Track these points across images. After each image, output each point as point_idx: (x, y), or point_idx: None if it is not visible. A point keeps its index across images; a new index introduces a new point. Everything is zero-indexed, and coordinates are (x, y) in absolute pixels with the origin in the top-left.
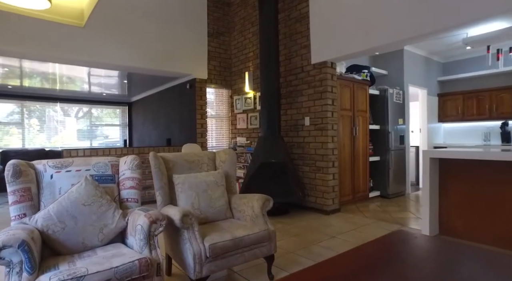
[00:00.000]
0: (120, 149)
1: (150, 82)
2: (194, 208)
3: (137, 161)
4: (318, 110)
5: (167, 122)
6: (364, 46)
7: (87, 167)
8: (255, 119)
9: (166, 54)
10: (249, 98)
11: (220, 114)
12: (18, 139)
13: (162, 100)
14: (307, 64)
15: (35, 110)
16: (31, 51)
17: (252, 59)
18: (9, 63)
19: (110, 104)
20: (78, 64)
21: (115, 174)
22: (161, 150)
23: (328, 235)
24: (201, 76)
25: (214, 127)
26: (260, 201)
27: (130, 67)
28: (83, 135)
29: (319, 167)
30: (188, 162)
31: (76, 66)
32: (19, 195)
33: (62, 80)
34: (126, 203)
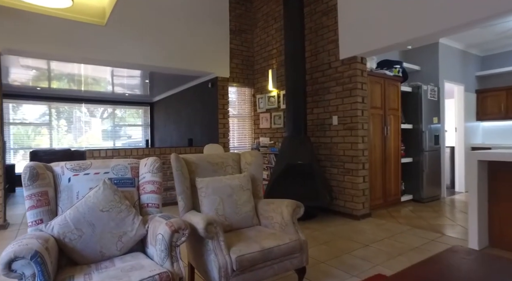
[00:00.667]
0: (142, 150)
1: (171, 81)
2: (219, 215)
3: (158, 163)
4: (347, 109)
5: (188, 122)
6: (396, 39)
7: (106, 169)
8: (279, 118)
9: (187, 52)
10: (273, 97)
11: (242, 113)
12: (47, 140)
13: (183, 100)
14: (335, 60)
15: (63, 111)
16: (55, 52)
17: (276, 56)
18: (37, 65)
19: (132, 104)
20: (101, 64)
21: (134, 177)
22: (183, 151)
23: (361, 243)
24: (223, 75)
25: (236, 127)
26: (290, 207)
27: (151, 66)
28: (107, 135)
29: (348, 169)
30: (212, 164)
31: (99, 67)
32: (35, 199)
33: (87, 81)
34: (146, 209)
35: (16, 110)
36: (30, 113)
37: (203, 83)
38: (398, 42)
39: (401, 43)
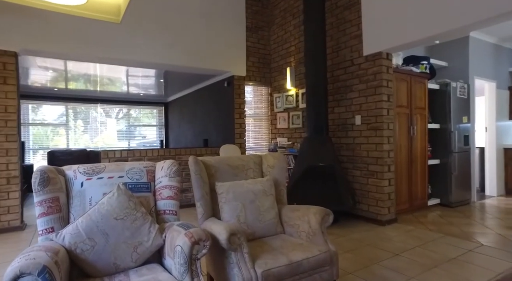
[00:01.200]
0: (157, 150)
1: (186, 80)
2: (240, 222)
3: (175, 167)
4: (371, 108)
5: (204, 122)
6: (424, 34)
7: (120, 173)
8: (298, 118)
9: (203, 50)
10: (291, 96)
11: (259, 113)
12: (64, 140)
13: (198, 99)
14: (358, 56)
15: (80, 112)
16: (71, 51)
17: (294, 53)
18: (54, 66)
19: (147, 104)
20: (116, 63)
21: (150, 181)
22: (198, 152)
23: (389, 251)
24: (240, 73)
25: (252, 127)
26: (319, 215)
27: (167, 65)
28: (122, 136)
29: (372, 171)
30: (232, 167)
31: (114, 67)
32: (46, 206)
33: (103, 81)
34: (163, 216)
35: (36, 110)
36: (49, 113)
37: (218, 82)
38: (426, 37)
39: (429, 38)
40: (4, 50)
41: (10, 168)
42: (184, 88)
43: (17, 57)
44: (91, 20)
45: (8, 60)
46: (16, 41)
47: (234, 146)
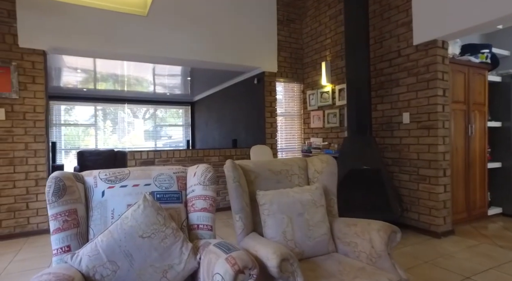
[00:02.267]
0: (184, 151)
1: (214, 78)
2: (287, 239)
3: (211, 173)
4: (423, 104)
5: (232, 121)
6: (487, 17)
7: (147, 180)
8: (334, 116)
9: (232, 45)
10: (326, 93)
11: (291, 111)
12: (93, 141)
13: (226, 98)
14: (407, 46)
15: (109, 112)
16: (97, 48)
17: (330, 47)
18: (82, 66)
19: (173, 104)
20: (142, 60)
21: (181, 190)
22: (228, 153)
23: (456, 273)
24: (271, 69)
25: (284, 127)
26: (383, 232)
27: (194, 61)
28: (148, 136)
29: (424, 175)
30: (274, 173)
31: (141, 66)
32: (62, 220)
33: (130, 81)
34: (196, 231)
35: (69, 111)
36: (79, 114)
37: (248, 79)
38: (489, 20)
39: (492, 22)
40: (32, 49)
41: (38, 169)
42: (211, 86)
43: (46, 56)
44: (117, 13)
45: (36, 59)
46: (44, 39)
47: (266, 147)
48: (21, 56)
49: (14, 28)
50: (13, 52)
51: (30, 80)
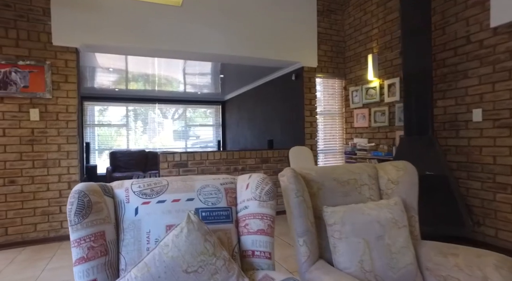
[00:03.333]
0: (219, 153)
1: (247, 76)
2: (365, 271)
3: (269, 185)
4: (503, 98)
5: (266, 121)
6: None
7: (190, 194)
8: (382, 114)
9: (270, 39)
10: (373, 89)
11: (331, 110)
12: (125, 141)
13: (260, 96)
14: (479, 30)
15: (140, 113)
16: (130, 44)
17: (377, 37)
18: (116, 65)
19: (203, 103)
20: (175, 56)
21: (231, 206)
22: (264, 154)
23: None
24: (310, 64)
25: (323, 126)
26: (505, 270)
27: (229, 57)
28: (178, 136)
29: (503, 183)
30: (340, 183)
31: (172, 65)
32: (86, 247)
33: (160, 81)
34: (250, 259)
35: (103, 112)
36: (112, 115)
37: (284, 75)
38: None
39: None
40: (66, 47)
41: (71, 171)
42: (243, 84)
43: (78, 54)
44: (151, 5)
45: (69, 57)
46: (76, 37)
47: (306, 148)
48: (55, 54)
49: (49, 26)
50: (47, 51)
51: (63, 79)
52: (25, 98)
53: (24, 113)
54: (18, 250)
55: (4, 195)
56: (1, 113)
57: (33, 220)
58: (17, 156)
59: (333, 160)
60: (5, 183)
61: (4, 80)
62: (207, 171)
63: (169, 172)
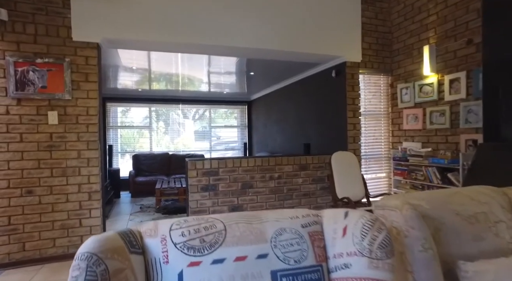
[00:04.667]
0: (253, 159)
1: (278, 73)
2: None
3: (383, 233)
4: None
5: (300, 122)
6: None
7: (260, 246)
8: (441, 115)
9: (307, 31)
10: (429, 85)
11: (374, 110)
12: (148, 142)
13: (293, 95)
14: None
15: (161, 113)
16: (154, 38)
17: (435, 25)
18: (139, 63)
19: (228, 103)
20: (202, 51)
21: (321, 262)
22: (303, 161)
23: None
24: (354, 59)
25: (364, 129)
26: None
27: (263, 51)
28: (201, 137)
29: None
30: (466, 219)
31: (196, 60)
32: None
33: (184, 80)
34: None
35: (125, 112)
36: (135, 116)
37: (323, 72)
38: None
39: None
40: (86, 42)
41: (91, 181)
42: (274, 82)
43: (100, 50)
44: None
45: (90, 54)
46: (97, 31)
47: (350, 154)
48: (75, 50)
49: (68, 19)
50: (66, 47)
51: (83, 78)
52: (43, 100)
53: (42, 116)
54: (36, 269)
55: (21, 206)
56: (18, 117)
57: (52, 235)
58: (34, 164)
59: (377, 167)
60: (23, 193)
61: (21, 80)
62: (240, 180)
63: (198, 181)
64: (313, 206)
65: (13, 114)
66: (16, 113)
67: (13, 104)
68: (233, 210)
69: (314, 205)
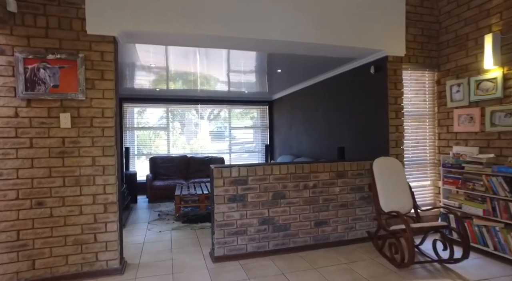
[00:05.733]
0: (286, 166)
1: (306, 70)
2: None
3: None
4: None
5: (329, 123)
6: None
7: None
8: (507, 116)
9: (346, 21)
10: (490, 81)
11: (418, 110)
12: (164, 144)
13: (321, 94)
14: None
15: (177, 114)
16: (175, 30)
17: (503, 9)
18: (157, 61)
19: (248, 103)
20: (227, 45)
21: None
22: (340, 167)
23: None
24: (397, 52)
25: (405, 131)
26: None
27: (294, 45)
28: (217, 137)
29: None
30: None
31: (216, 57)
32: None
33: (202, 79)
34: None
35: (141, 113)
36: (151, 117)
37: (359, 68)
38: None
39: None
40: (102, 36)
41: (107, 191)
42: (300, 80)
43: (116, 45)
44: None
45: (106, 48)
46: (114, 23)
47: (395, 160)
48: (89, 45)
49: (82, 10)
50: (80, 41)
51: (98, 76)
52: (55, 100)
53: (53, 119)
54: None
55: (31, 220)
56: (28, 119)
57: (64, 251)
58: (45, 172)
59: (420, 174)
60: (33, 205)
61: (31, 78)
62: (271, 189)
63: (225, 191)
64: (351, 218)
65: (23, 117)
66: (26, 116)
67: (23, 106)
68: (263, 223)
69: (353, 216)
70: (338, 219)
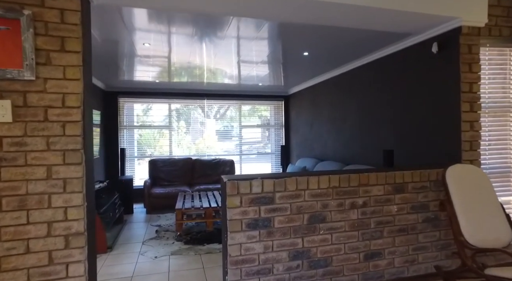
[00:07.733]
0: (327, 177)
1: (341, 52)
2: None
3: None
4: None
5: (366, 120)
6: None
7: None
8: None
9: None
10: None
11: (498, 101)
12: (166, 145)
13: (355, 84)
14: None
15: (183, 112)
16: None
17: None
18: (159, 54)
19: (261, 98)
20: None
21: None
22: (398, 179)
23: None
24: (475, 21)
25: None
26: None
27: (340, 6)
28: (224, 137)
29: None
30: None
31: (226, 44)
32: None
33: (210, 71)
34: None
35: (141, 109)
36: (152, 113)
37: (413, 47)
38: None
39: None
40: None
41: (70, 216)
42: (326, 69)
43: (88, 2)
44: None
45: (69, 5)
46: None
47: (476, 168)
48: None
49: None
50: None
51: (56, 46)
52: None
53: None
54: None
55: None
56: None
57: None
58: None
59: (502, 186)
60: None
61: None
62: (307, 210)
63: (243, 213)
64: (413, 246)
65: None
66: None
67: None
68: (295, 258)
69: (415, 245)
70: (396, 249)
